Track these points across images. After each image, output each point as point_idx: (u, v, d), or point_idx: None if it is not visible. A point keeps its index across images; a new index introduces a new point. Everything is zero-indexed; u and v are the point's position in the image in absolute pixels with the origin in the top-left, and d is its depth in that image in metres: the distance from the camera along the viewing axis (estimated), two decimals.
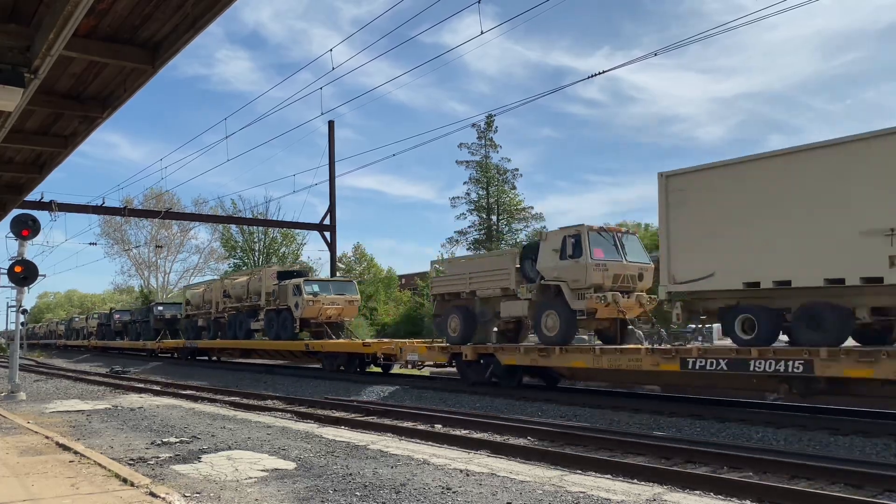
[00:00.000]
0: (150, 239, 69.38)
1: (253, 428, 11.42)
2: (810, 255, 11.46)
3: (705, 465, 8.79)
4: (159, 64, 8.98)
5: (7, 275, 18.57)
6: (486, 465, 8.00)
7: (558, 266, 15.89)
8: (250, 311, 28.55)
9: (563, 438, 10.83)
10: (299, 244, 59.42)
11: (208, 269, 71.75)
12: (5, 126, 9.48)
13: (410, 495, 6.47)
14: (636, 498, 6.36)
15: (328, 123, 35.29)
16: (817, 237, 11.37)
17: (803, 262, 11.53)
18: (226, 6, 7.55)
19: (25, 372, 28.79)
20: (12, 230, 17.71)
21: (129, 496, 6.14)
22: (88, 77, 9.94)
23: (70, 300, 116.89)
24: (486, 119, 50.60)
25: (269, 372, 25.94)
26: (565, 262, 15.74)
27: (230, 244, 61.03)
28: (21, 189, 16.19)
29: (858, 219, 10.89)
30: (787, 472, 8.18)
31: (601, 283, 15.43)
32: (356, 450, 9.08)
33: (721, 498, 7.06)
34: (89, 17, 7.70)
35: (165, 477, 7.42)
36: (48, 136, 12.44)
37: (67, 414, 14.06)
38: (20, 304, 20.07)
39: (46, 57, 6.93)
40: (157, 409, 14.79)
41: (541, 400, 15.53)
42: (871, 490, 7.48)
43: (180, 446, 9.62)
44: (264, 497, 6.44)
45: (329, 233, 34.65)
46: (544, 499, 6.29)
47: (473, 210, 52.64)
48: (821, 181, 11.44)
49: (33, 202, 26.58)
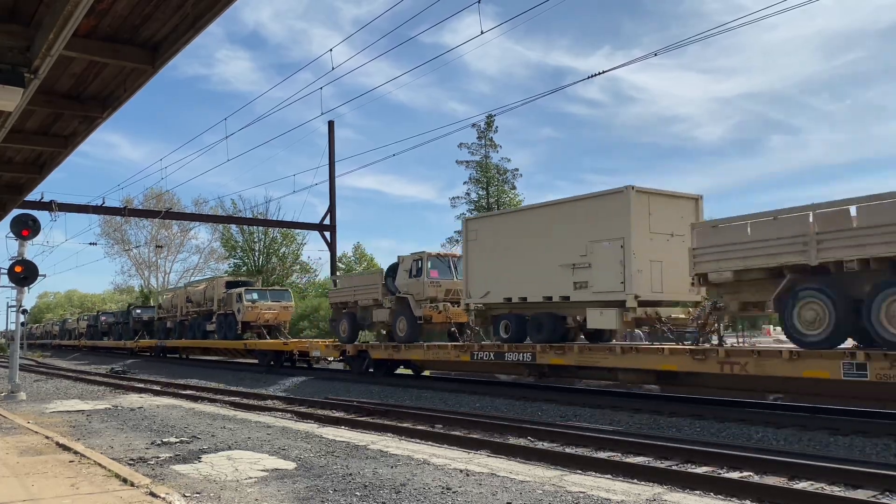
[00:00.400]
0: (150, 239, 69.43)
1: (253, 428, 11.43)
2: (536, 279, 16.19)
3: (705, 465, 8.79)
4: (159, 64, 8.98)
5: (7, 275, 18.58)
6: (486, 465, 8.00)
7: (407, 283, 20.87)
8: (206, 315, 32.67)
9: (563, 438, 10.83)
10: (299, 244, 59.48)
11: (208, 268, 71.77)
12: (5, 126, 9.48)
13: (410, 495, 6.47)
14: (636, 498, 6.37)
15: (328, 123, 35.29)
16: (539, 267, 16.08)
17: (533, 284, 16.31)
18: (226, 6, 7.55)
19: (25, 372, 28.79)
20: (12, 230, 17.71)
21: (129, 496, 6.15)
22: (88, 77, 9.94)
23: (70, 300, 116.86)
24: (486, 119, 50.68)
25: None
26: (411, 280, 20.72)
27: (230, 244, 61.04)
28: (21, 189, 16.20)
29: (558, 256, 15.64)
30: (787, 472, 8.17)
31: (435, 296, 20.33)
32: (356, 450, 9.08)
33: (721, 498, 7.06)
34: (89, 17, 7.69)
35: (165, 477, 7.42)
36: (48, 136, 12.44)
37: (67, 414, 14.07)
38: (20, 304, 20.08)
39: (46, 57, 6.93)
40: (157, 409, 14.79)
41: (541, 400, 15.54)
42: (870, 490, 7.48)
43: (180, 446, 9.62)
44: (264, 497, 6.44)
45: (329, 233, 34.65)
46: (544, 499, 6.29)
47: (473, 210, 52.68)
48: (542, 230, 16.36)
49: (33, 202, 26.58)
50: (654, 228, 14.61)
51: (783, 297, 11.73)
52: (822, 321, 11.19)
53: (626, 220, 14.35)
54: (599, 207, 15.18)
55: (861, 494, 7.28)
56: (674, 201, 15.49)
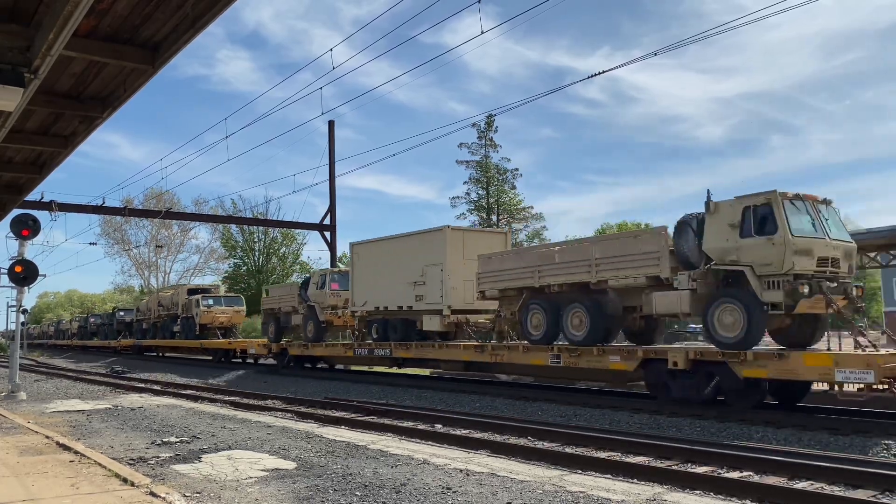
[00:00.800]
0: (151, 239, 69.35)
1: (253, 428, 11.43)
2: (394, 293, 20.71)
3: (705, 465, 8.79)
4: (159, 64, 8.97)
5: (7, 275, 18.58)
6: (486, 464, 8.00)
7: (315, 293, 25.20)
8: (173, 318, 37.26)
9: (563, 438, 10.83)
10: (299, 244, 59.53)
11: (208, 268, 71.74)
12: (5, 126, 9.47)
13: (410, 495, 6.47)
14: (636, 498, 6.36)
15: (328, 123, 35.30)
16: (396, 283, 20.57)
17: (392, 296, 20.83)
18: (226, 6, 7.54)
19: (26, 372, 28.79)
20: (12, 230, 17.71)
21: (129, 496, 6.15)
22: (88, 77, 9.92)
23: (70, 300, 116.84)
24: (486, 119, 50.66)
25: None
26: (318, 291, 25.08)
27: (230, 244, 61.05)
28: (21, 189, 16.17)
29: (406, 276, 20.19)
30: (787, 472, 8.18)
31: (336, 304, 24.35)
32: (356, 449, 9.08)
33: (721, 498, 7.06)
34: (89, 17, 7.68)
35: (166, 477, 7.42)
36: (48, 136, 12.42)
37: (68, 414, 14.07)
38: (20, 304, 20.09)
39: (46, 57, 6.92)
40: (158, 408, 14.79)
41: (541, 400, 15.55)
42: (870, 490, 7.48)
43: (180, 446, 9.62)
44: (264, 497, 6.44)
45: (329, 233, 34.66)
46: (544, 499, 6.29)
47: (473, 210, 52.67)
48: (398, 255, 20.86)
49: (33, 202, 26.59)
50: (468, 256, 18.88)
51: (522, 309, 16.33)
52: (541, 326, 15.82)
53: (443, 251, 19.19)
54: (429, 241, 20.00)
55: (861, 494, 7.28)
56: (485, 235, 21.53)
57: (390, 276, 20.87)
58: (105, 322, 51.52)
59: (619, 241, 15.46)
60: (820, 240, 12.07)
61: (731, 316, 12.25)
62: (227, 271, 62.79)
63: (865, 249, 15.12)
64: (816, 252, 11.91)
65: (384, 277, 21.17)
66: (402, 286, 20.34)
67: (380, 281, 21.36)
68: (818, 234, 12.11)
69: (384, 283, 21.13)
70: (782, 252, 11.64)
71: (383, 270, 21.30)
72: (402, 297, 20.39)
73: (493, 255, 17.70)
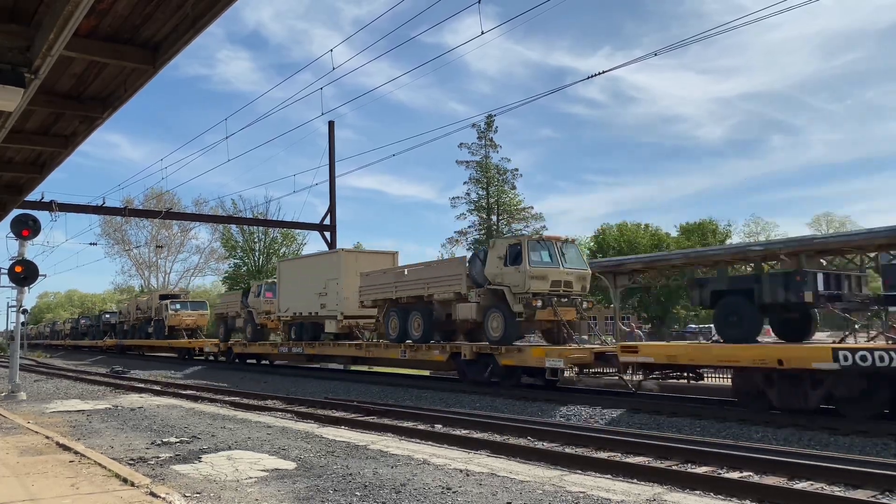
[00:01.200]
0: (151, 239, 69.46)
1: (253, 428, 11.43)
2: (307, 301, 25.58)
3: (705, 465, 8.79)
4: (160, 64, 8.97)
5: (7, 275, 18.55)
6: (486, 464, 8.00)
7: (253, 300, 30.78)
8: (147, 320, 41.93)
9: (562, 438, 10.83)
10: (299, 244, 59.50)
11: (209, 268, 71.86)
12: (6, 126, 9.47)
13: (410, 495, 6.47)
14: (636, 498, 6.36)
15: (328, 123, 35.31)
16: (308, 294, 25.48)
17: (306, 304, 25.68)
18: (226, 6, 7.54)
19: (26, 372, 28.79)
20: (12, 230, 17.70)
21: (129, 496, 6.15)
22: (89, 77, 9.92)
23: (70, 300, 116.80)
24: (486, 119, 50.70)
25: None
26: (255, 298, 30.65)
27: (230, 244, 61.04)
28: (21, 189, 16.17)
29: (314, 288, 25.12)
30: (787, 472, 8.18)
31: (269, 310, 29.20)
32: (356, 450, 9.08)
33: (721, 498, 7.06)
34: (89, 17, 7.69)
35: (166, 477, 7.42)
36: (48, 136, 12.41)
37: (68, 414, 14.06)
38: (20, 304, 20.07)
39: (47, 57, 6.92)
40: (158, 408, 14.79)
41: (541, 400, 15.55)
42: (870, 490, 7.48)
43: (180, 446, 9.62)
44: (264, 497, 6.44)
45: (329, 233, 34.66)
46: (544, 499, 6.29)
47: (473, 210, 52.71)
48: (310, 271, 25.95)
49: (33, 202, 26.58)
50: (359, 272, 23.00)
51: (385, 315, 21.26)
52: (397, 328, 20.71)
53: (339, 269, 24.23)
54: (329, 260, 25.45)
55: (861, 494, 7.28)
56: (376, 256, 25.53)
57: (303, 288, 25.95)
58: (93, 324, 56.24)
59: (439, 265, 20.75)
60: (554, 268, 17.10)
61: (496, 321, 17.34)
62: (227, 271, 62.83)
63: (865, 249, 15.21)
64: (550, 277, 16.95)
65: (299, 289, 26.27)
66: (311, 296, 25.33)
67: (296, 292, 26.52)
68: (553, 265, 17.15)
69: (299, 294, 26.25)
70: (524, 277, 16.70)
71: (299, 284, 26.40)
72: (312, 305, 25.33)
73: (370, 273, 22.36)
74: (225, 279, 63.10)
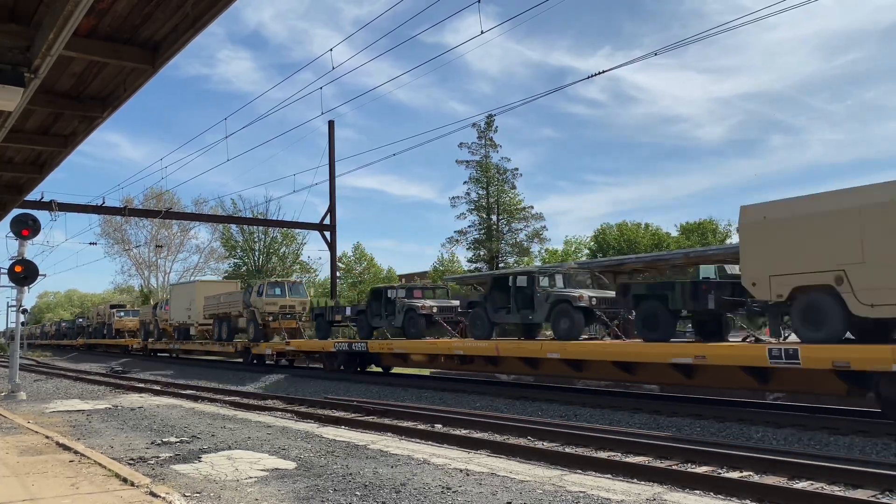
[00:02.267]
0: (151, 239, 69.33)
1: (253, 428, 11.43)
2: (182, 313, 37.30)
3: (705, 465, 8.79)
4: (159, 64, 8.96)
5: (7, 274, 18.58)
6: (486, 464, 8.00)
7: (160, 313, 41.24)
8: (102, 324, 52.49)
9: (563, 438, 10.83)
10: (299, 244, 59.50)
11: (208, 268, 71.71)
12: (5, 126, 9.47)
13: (410, 495, 6.47)
14: (636, 497, 6.36)
15: (328, 123, 35.30)
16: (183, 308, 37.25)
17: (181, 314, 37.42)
18: (226, 6, 7.54)
19: (25, 372, 28.80)
20: (12, 230, 17.70)
21: (129, 496, 6.15)
22: (88, 77, 9.91)
23: (70, 300, 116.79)
24: (486, 119, 50.61)
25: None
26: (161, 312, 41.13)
27: (230, 244, 61.03)
28: (21, 189, 16.16)
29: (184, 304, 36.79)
30: (787, 472, 8.17)
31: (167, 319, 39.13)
32: (356, 449, 9.08)
33: (721, 498, 7.06)
34: (89, 16, 7.69)
35: (166, 477, 7.42)
36: (48, 136, 12.40)
37: (68, 414, 14.07)
38: (20, 303, 20.08)
39: (46, 57, 6.92)
40: (158, 408, 14.79)
41: (541, 400, 15.55)
42: (870, 490, 7.48)
43: (180, 446, 9.62)
44: (264, 497, 6.44)
45: (329, 233, 34.66)
46: (544, 498, 6.29)
47: (473, 210, 52.60)
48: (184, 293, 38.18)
49: (33, 202, 26.57)
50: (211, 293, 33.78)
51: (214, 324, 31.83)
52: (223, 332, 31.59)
53: (195, 294, 35.37)
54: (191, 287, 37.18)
55: (861, 494, 7.28)
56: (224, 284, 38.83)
57: (181, 305, 37.07)
58: (71, 326, 68.11)
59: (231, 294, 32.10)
60: (281, 297, 28.72)
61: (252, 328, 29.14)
62: (227, 271, 62.79)
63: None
64: (279, 303, 28.49)
65: (179, 305, 37.38)
66: (184, 311, 36.49)
67: (178, 307, 37.52)
68: (281, 296, 28.82)
69: (179, 309, 37.31)
70: (262, 302, 28.36)
71: (179, 302, 37.68)
72: (184, 316, 36.51)
73: (207, 297, 33.73)
74: (225, 279, 63.10)
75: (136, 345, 43.63)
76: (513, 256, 52.47)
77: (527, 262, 51.48)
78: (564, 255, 58.86)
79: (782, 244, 11.51)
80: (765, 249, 11.76)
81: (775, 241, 11.60)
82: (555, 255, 57.23)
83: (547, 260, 53.85)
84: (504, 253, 51.85)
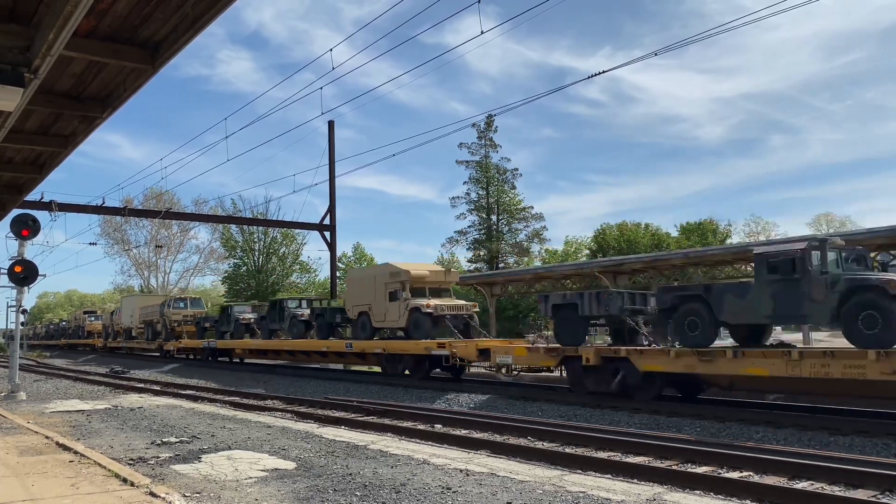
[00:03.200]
0: (150, 239, 69.44)
1: (253, 428, 11.42)
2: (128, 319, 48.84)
3: (705, 465, 8.79)
4: (159, 64, 8.96)
5: (7, 275, 18.57)
6: (486, 464, 8.00)
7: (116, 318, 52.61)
8: (78, 327, 62.17)
9: (563, 438, 10.83)
10: (299, 244, 59.47)
11: (208, 268, 71.83)
12: (5, 126, 9.46)
13: (410, 495, 6.47)
14: (636, 497, 6.36)
15: (328, 123, 35.29)
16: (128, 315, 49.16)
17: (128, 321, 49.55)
18: (226, 6, 7.53)
19: (25, 372, 28.79)
20: (12, 230, 17.69)
21: (129, 496, 6.15)
22: (88, 77, 9.91)
23: (70, 300, 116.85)
24: (486, 119, 50.59)
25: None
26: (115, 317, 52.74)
27: (230, 244, 60.99)
28: (21, 189, 16.15)
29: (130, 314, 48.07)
30: (787, 472, 8.18)
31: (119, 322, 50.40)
32: (356, 450, 9.08)
33: (721, 498, 7.06)
34: (89, 17, 7.68)
35: (165, 477, 7.42)
36: (48, 136, 12.39)
37: (67, 414, 14.06)
38: (20, 303, 20.07)
39: (46, 57, 6.91)
40: (157, 409, 14.79)
41: (541, 400, 15.55)
42: (870, 490, 7.48)
43: (180, 446, 9.62)
44: (264, 497, 6.44)
45: (329, 233, 34.65)
46: (544, 498, 6.29)
47: (473, 210, 52.59)
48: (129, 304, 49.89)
49: (33, 202, 26.56)
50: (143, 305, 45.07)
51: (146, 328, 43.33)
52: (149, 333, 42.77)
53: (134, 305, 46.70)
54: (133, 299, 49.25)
55: (861, 494, 7.28)
56: (151, 297, 50.18)
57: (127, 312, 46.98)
58: (57, 328, 76.06)
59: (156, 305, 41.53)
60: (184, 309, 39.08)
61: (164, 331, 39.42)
62: (227, 271, 62.78)
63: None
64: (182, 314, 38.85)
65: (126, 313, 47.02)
66: (129, 317, 46.06)
67: (125, 314, 47.29)
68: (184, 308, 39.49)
69: (126, 315, 47.06)
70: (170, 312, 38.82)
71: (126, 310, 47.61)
72: (129, 321, 45.97)
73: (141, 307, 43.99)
74: (224, 279, 63.10)
75: (100, 344, 53.44)
76: (513, 256, 52.46)
77: (527, 263, 51.47)
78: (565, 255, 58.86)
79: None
80: None
81: None
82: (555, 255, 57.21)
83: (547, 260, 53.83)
84: (504, 253, 51.85)
